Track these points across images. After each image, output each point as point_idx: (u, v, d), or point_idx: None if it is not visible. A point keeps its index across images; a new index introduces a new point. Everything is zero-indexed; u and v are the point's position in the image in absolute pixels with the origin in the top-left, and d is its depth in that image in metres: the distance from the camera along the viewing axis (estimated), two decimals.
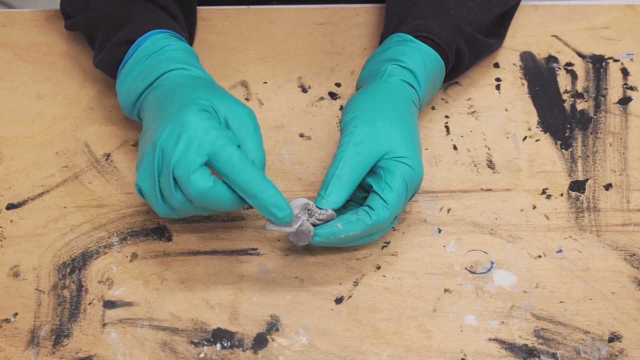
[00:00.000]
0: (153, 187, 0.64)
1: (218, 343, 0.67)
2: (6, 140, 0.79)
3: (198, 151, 0.62)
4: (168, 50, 0.73)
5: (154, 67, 0.71)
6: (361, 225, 0.65)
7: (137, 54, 0.73)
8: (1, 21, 0.89)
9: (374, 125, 0.68)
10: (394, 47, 0.75)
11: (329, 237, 0.65)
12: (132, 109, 0.73)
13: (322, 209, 0.65)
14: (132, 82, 0.72)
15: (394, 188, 0.65)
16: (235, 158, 0.62)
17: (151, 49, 0.73)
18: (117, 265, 0.71)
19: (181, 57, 0.73)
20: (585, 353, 0.66)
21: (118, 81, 0.74)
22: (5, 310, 0.69)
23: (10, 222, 0.74)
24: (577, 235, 0.73)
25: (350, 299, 0.69)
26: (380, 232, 0.68)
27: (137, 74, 0.72)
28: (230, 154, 0.62)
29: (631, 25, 0.88)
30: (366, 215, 0.65)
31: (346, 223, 0.65)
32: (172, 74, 0.71)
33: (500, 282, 0.70)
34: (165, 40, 0.74)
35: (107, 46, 0.76)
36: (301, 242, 0.65)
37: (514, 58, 0.86)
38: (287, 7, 0.90)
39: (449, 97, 0.82)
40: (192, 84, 0.69)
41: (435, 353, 0.66)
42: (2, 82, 0.84)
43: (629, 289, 0.69)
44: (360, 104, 0.70)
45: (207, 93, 0.67)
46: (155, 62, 0.72)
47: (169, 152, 0.62)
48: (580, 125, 0.80)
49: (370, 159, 0.67)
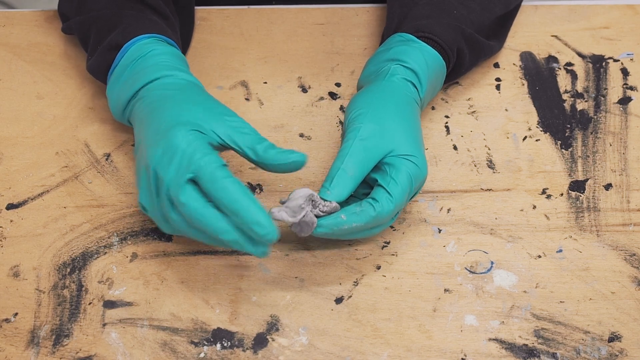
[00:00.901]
0: (153, 206, 0.65)
1: (218, 343, 0.67)
2: (6, 140, 0.79)
3: (185, 170, 0.62)
4: (153, 56, 0.72)
5: (140, 74, 0.71)
6: (365, 216, 0.65)
7: (124, 60, 0.73)
8: (1, 21, 0.89)
9: (379, 123, 0.68)
10: (396, 47, 0.75)
11: (332, 228, 0.65)
12: (121, 115, 0.74)
13: (327, 201, 0.65)
14: (120, 89, 0.73)
15: (398, 182, 0.66)
16: (217, 175, 0.62)
17: (137, 54, 0.73)
18: (117, 265, 0.71)
19: (167, 62, 0.72)
20: (585, 353, 0.66)
21: (107, 87, 0.75)
22: (5, 310, 0.69)
23: (10, 222, 0.74)
24: (577, 235, 0.73)
25: (350, 299, 0.69)
26: (381, 226, 0.68)
27: (125, 80, 0.72)
28: (212, 171, 0.62)
29: (631, 25, 0.88)
30: (370, 207, 0.65)
31: (350, 214, 0.65)
32: (157, 83, 0.71)
33: (500, 282, 0.70)
34: (151, 45, 0.73)
35: (97, 50, 0.76)
36: (303, 233, 0.65)
37: (514, 58, 0.86)
38: (287, 7, 0.90)
39: (449, 97, 0.82)
40: (179, 98, 0.69)
41: (435, 353, 0.66)
42: (2, 82, 0.84)
43: (629, 289, 0.69)
44: (365, 102, 0.70)
45: (193, 106, 0.67)
46: (141, 68, 0.72)
47: (162, 174, 0.63)
48: (580, 125, 0.80)
49: (375, 156, 0.67)
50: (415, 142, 0.69)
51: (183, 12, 0.84)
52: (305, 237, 0.71)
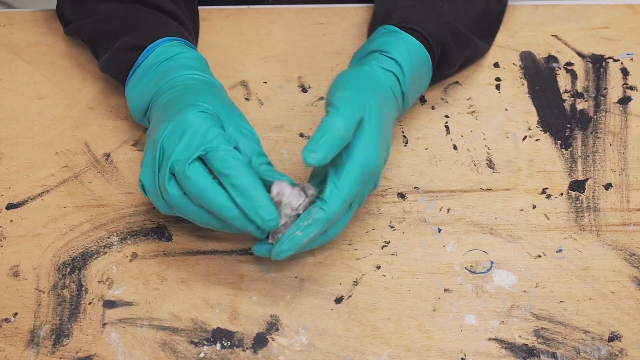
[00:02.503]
0: (154, 183, 0.65)
1: (218, 343, 0.67)
2: (6, 140, 0.79)
3: (196, 148, 0.63)
4: (180, 58, 0.73)
5: (164, 74, 0.72)
6: (318, 223, 0.63)
7: (148, 60, 0.74)
8: (1, 21, 0.89)
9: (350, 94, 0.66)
10: (380, 39, 0.75)
11: (294, 248, 0.64)
12: (142, 116, 0.74)
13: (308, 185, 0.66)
14: (143, 89, 0.73)
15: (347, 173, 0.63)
16: (229, 156, 0.62)
17: (162, 56, 0.73)
18: (117, 265, 0.71)
19: (192, 64, 0.73)
20: (585, 353, 0.66)
21: (128, 87, 0.75)
22: (5, 310, 0.69)
23: (10, 222, 0.74)
24: (577, 235, 0.73)
25: (350, 298, 0.69)
26: (337, 226, 0.66)
27: (148, 80, 0.73)
28: (225, 151, 0.63)
29: (631, 25, 0.88)
30: (320, 211, 0.63)
31: (304, 228, 0.63)
32: (181, 77, 0.71)
33: (500, 281, 0.70)
34: (176, 47, 0.74)
35: (114, 50, 0.76)
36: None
37: (514, 58, 0.86)
38: (287, 7, 0.90)
39: (449, 97, 0.82)
40: (200, 88, 0.70)
41: (435, 353, 0.66)
42: (2, 82, 0.84)
43: (629, 288, 0.69)
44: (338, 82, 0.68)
45: (211, 98, 0.68)
46: (167, 69, 0.72)
47: (169, 149, 0.63)
48: (580, 125, 0.80)
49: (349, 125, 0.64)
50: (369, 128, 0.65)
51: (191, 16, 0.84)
52: None
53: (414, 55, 0.73)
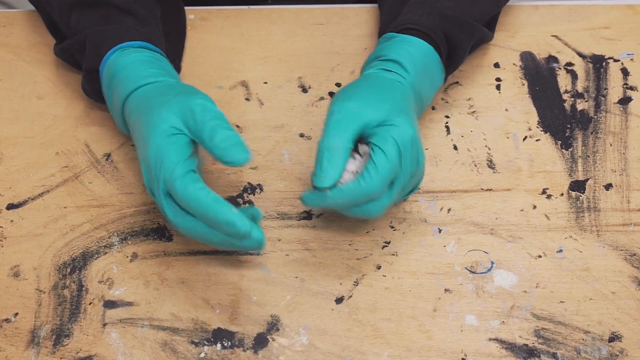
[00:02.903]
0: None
1: (218, 343, 0.67)
2: (6, 140, 0.79)
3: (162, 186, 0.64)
4: (121, 70, 0.72)
5: (118, 94, 0.71)
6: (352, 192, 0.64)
7: (104, 83, 0.74)
8: (1, 21, 0.89)
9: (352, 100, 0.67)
10: (378, 47, 0.75)
11: (319, 204, 0.65)
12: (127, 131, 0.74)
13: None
14: (112, 109, 0.74)
15: (384, 150, 0.64)
16: (178, 186, 0.62)
17: (110, 73, 0.73)
18: (118, 265, 0.71)
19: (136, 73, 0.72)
20: (585, 353, 0.66)
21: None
22: (6, 310, 0.69)
23: (10, 222, 0.74)
24: (577, 235, 0.73)
25: (350, 298, 0.69)
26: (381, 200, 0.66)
27: (111, 101, 0.73)
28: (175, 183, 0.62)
29: (631, 25, 0.88)
30: (355, 182, 0.64)
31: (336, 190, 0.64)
32: (131, 97, 0.70)
33: (501, 282, 0.70)
34: (116, 61, 0.73)
35: (83, 76, 0.77)
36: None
37: (514, 58, 0.86)
38: (287, 7, 0.90)
39: (449, 97, 0.83)
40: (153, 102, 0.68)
41: (435, 353, 0.66)
42: (2, 82, 0.84)
43: (629, 288, 0.69)
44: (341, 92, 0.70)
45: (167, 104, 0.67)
46: (117, 89, 0.72)
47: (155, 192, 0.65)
48: (581, 125, 0.80)
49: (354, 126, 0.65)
50: (392, 108, 0.67)
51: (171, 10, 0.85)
52: (305, 237, 0.72)
53: (414, 52, 0.73)
